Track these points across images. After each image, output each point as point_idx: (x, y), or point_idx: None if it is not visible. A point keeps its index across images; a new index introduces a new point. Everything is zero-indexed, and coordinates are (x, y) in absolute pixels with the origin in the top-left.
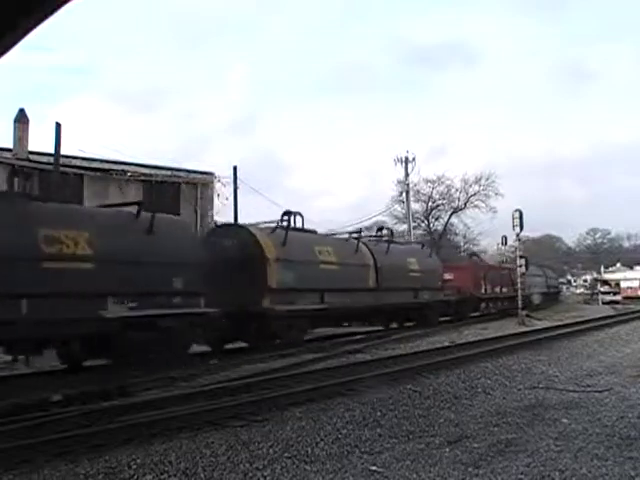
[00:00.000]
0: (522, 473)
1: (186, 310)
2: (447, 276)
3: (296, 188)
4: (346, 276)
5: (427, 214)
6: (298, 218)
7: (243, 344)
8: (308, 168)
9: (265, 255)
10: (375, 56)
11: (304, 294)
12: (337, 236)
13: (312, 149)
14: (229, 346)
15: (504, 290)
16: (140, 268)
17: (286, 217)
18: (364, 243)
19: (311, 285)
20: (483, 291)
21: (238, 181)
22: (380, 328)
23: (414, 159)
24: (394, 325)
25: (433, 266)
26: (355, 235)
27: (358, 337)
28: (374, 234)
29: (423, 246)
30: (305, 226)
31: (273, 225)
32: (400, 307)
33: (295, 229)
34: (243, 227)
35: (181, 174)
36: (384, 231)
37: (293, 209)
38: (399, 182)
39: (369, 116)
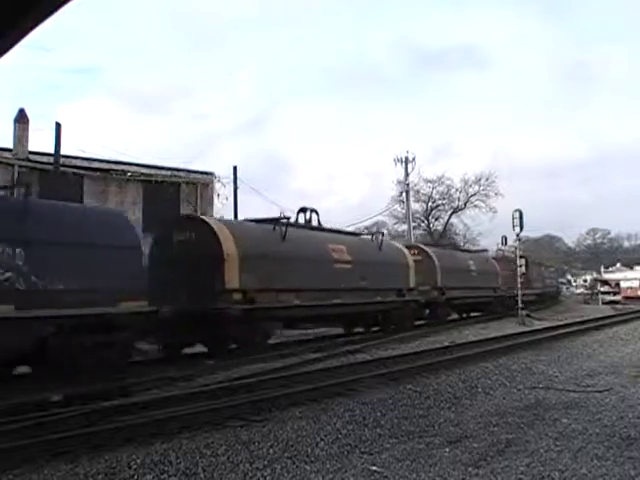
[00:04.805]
0: (522, 473)
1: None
2: None
3: (299, 188)
4: None
5: (427, 214)
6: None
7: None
8: (311, 168)
9: None
10: (379, 58)
11: None
12: None
13: (315, 150)
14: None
15: None
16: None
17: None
18: None
19: None
20: None
21: (238, 181)
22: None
23: (414, 159)
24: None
25: None
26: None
27: (358, 337)
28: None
29: None
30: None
31: None
32: None
33: None
34: None
35: (181, 174)
36: None
37: (294, 209)
38: (399, 182)
39: (372, 117)
